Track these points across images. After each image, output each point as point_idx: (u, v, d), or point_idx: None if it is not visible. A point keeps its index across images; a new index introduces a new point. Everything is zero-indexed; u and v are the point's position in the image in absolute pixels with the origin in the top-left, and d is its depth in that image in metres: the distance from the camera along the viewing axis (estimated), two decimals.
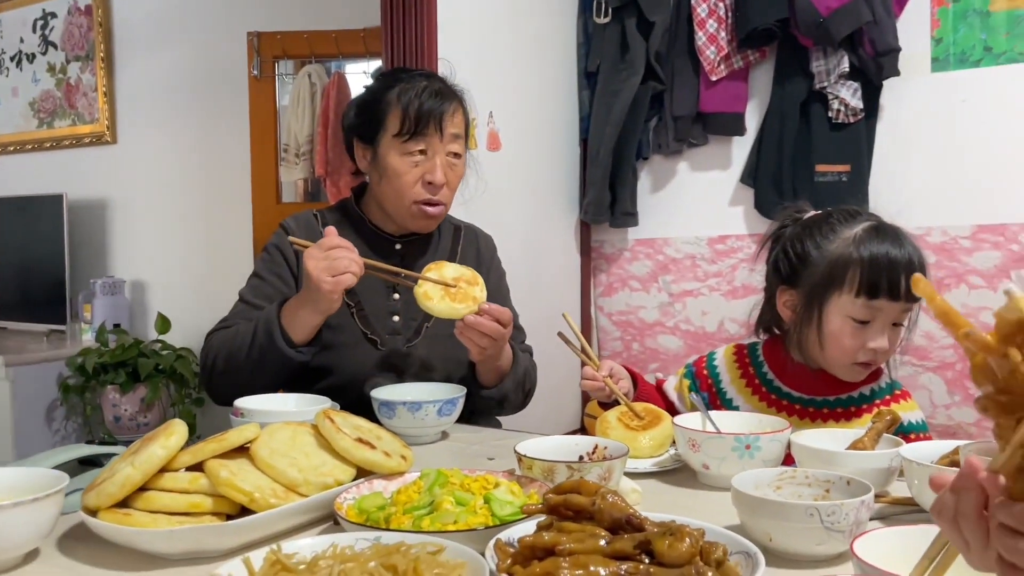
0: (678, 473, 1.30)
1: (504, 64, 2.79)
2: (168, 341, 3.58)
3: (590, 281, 3.29)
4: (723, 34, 2.86)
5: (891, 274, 1.35)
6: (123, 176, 4.08)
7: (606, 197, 3.07)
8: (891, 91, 2.73)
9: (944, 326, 0.62)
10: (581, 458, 1.21)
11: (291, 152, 3.55)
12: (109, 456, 1.25)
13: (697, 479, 1.27)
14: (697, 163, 3.08)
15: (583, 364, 1.52)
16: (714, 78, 2.88)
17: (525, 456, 1.12)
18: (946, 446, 1.13)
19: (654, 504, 1.16)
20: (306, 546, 0.86)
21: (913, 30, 2.67)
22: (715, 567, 0.80)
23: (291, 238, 1.60)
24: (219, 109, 3.70)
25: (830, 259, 1.39)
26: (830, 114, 2.74)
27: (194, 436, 3.49)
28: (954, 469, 1.03)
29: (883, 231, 1.39)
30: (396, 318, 1.71)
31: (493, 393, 1.67)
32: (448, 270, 1.56)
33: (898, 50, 2.65)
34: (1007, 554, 0.55)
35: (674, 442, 1.33)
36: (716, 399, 1.57)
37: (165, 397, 3.56)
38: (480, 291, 1.54)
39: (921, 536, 0.78)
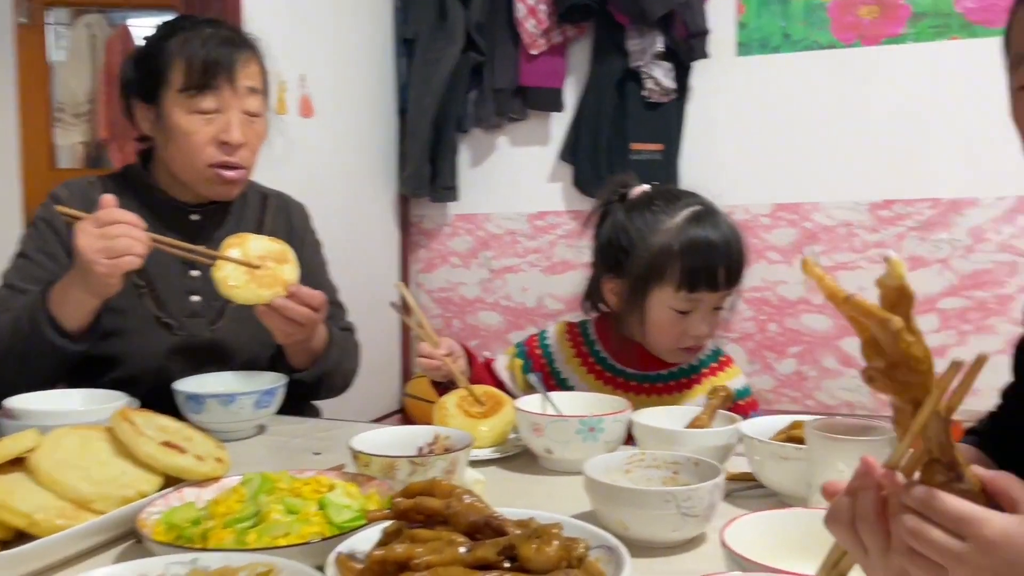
0: (519, 458, 1.25)
1: (316, 26, 2.62)
2: None
3: (409, 257, 3.19)
4: (543, 7, 2.83)
5: (710, 267, 1.36)
6: None
7: (426, 170, 2.98)
8: (701, 73, 2.83)
9: (830, 300, 0.60)
10: (421, 450, 1.12)
11: (67, 112, 3.16)
12: None
13: (539, 463, 1.23)
14: (517, 138, 3.05)
15: (420, 340, 1.42)
16: (534, 52, 2.86)
17: (361, 452, 1.02)
18: (782, 421, 1.14)
19: (499, 493, 1.10)
20: None
21: (721, 14, 2.78)
22: (578, 565, 0.75)
23: (59, 207, 1.34)
24: None
25: (652, 251, 1.38)
26: (644, 93, 2.80)
27: None
28: (792, 445, 1.04)
29: (702, 218, 1.39)
30: (195, 298, 1.52)
31: (305, 376, 1.53)
32: (253, 244, 1.39)
33: (707, 32, 2.74)
34: (913, 540, 0.53)
35: (515, 427, 1.27)
36: (550, 378, 1.53)
37: None
38: (291, 270, 1.39)
39: (790, 520, 0.76)
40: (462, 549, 0.73)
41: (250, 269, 1.35)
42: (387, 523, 0.81)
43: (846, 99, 2.71)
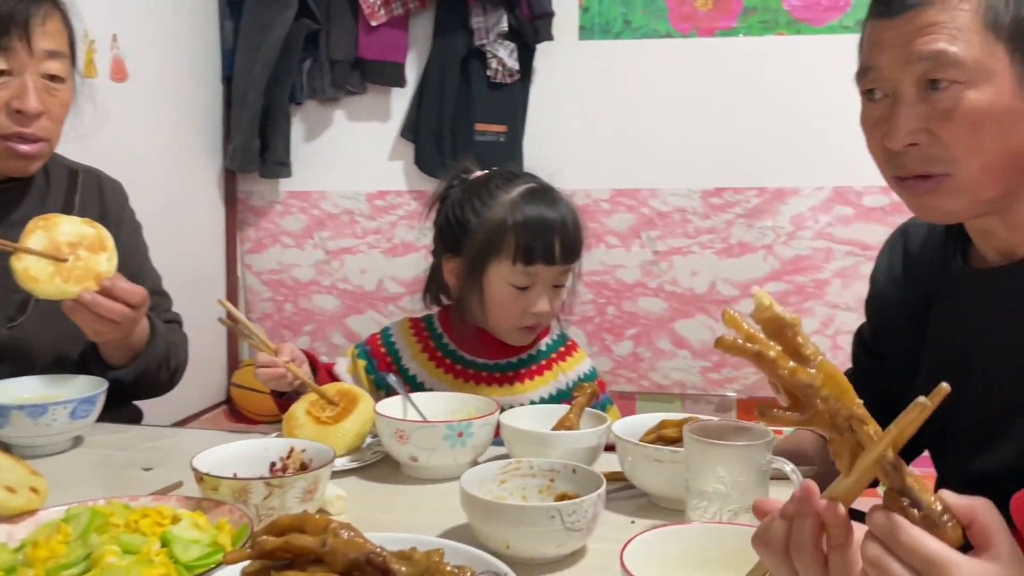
0: (379, 466, 1.17)
1: None
2: None
3: (236, 236, 2.97)
4: None
5: (545, 239, 1.35)
6: None
7: (255, 144, 2.78)
8: (544, 55, 2.81)
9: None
10: (274, 466, 1.02)
11: None
12: None
13: (401, 471, 1.15)
14: (355, 112, 2.91)
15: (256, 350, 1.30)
16: (374, 23, 2.73)
17: (208, 475, 0.90)
18: (650, 420, 1.13)
19: (362, 508, 1.02)
20: None
21: None
22: None
23: None
24: None
25: (488, 226, 1.37)
26: (489, 73, 2.75)
27: None
28: (667, 448, 1.03)
29: (538, 195, 1.40)
30: None
31: (124, 375, 1.38)
32: (64, 228, 1.22)
33: (552, 15, 2.72)
34: (872, 570, 0.51)
35: (373, 429, 1.19)
36: (398, 376, 1.46)
37: None
38: (107, 260, 1.23)
39: (689, 537, 0.74)
40: None
41: (58, 262, 1.18)
42: (246, 564, 0.72)
43: (682, 88, 2.78)
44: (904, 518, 0.51)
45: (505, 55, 2.72)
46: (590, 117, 2.83)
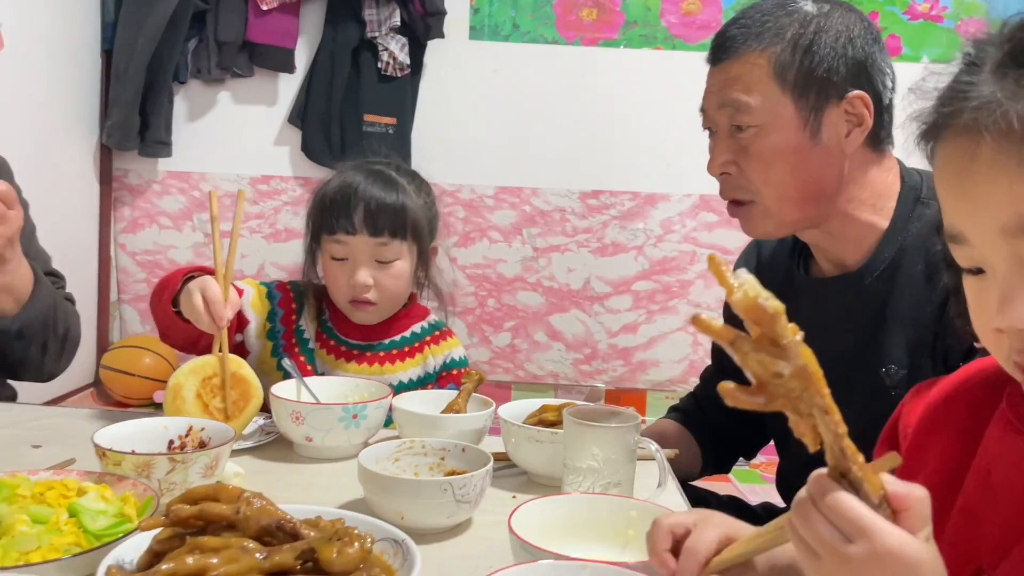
0: (272, 446, 1.21)
1: None
2: None
3: (110, 214, 2.89)
4: None
5: (347, 210, 1.40)
6: None
7: (135, 121, 2.71)
8: (435, 51, 2.87)
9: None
10: (172, 443, 1.05)
11: None
12: None
13: (295, 451, 1.20)
14: (241, 95, 2.88)
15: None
16: (264, 7, 2.71)
17: (111, 450, 0.93)
18: (532, 405, 1.23)
19: (258, 485, 1.05)
20: None
21: None
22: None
23: None
24: None
25: (316, 202, 1.44)
26: (380, 65, 2.79)
27: None
28: (547, 430, 1.13)
29: (369, 173, 1.44)
30: None
31: (8, 324, 1.30)
32: None
33: (444, 13, 2.79)
34: (800, 526, 0.55)
35: (265, 411, 1.23)
36: (293, 335, 1.48)
37: None
38: None
39: (568, 505, 0.84)
40: (258, 556, 0.71)
41: None
42: (158, 531, 0.76)
43: (566, 93, 2.91)
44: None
45: (396, 49, 2.77)
46: (477, 115, 2.92)
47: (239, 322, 1.42)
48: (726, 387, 0.53)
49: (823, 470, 0.56)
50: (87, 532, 0.80)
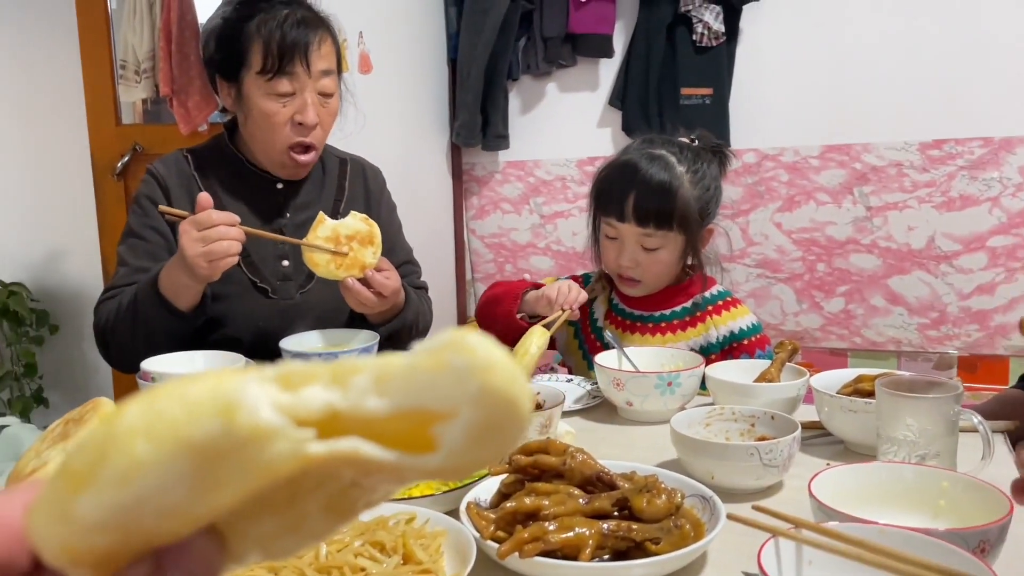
0: (598, 409, 1.36)
1: None
2: None
3: (462, 204, 3.28)
4: None
5: (620, 194, 1.48)
6: None
7: (478, 120, 3.03)
8: (750, 15, 2.83)
9: None
10: None
11: (130, 70, 3.24)
12: None
13: (618, 414, 1.33)
14: (566, 84, 3.09)
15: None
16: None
17: None
18: (847, 375, 1.24)
19: (586, 443, 1.20)
20: None
21: None
22: (677, 514, 0.86)
23: (162, 208, 1.44)
24: (41, 13, 3.30)
25: (598, 181, 1.58)
26: (694, 37, 2.81)
27: (36, 376, 3.26)
28: (861, 400, 1.13)
29: (647, 155, 1.50)
30: (286, 263, 1.64)
31: (381, 331, 1.61)
32: (346, 221, 1.45)
33: None
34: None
35: (592, 378, 1.38)
36: (587, 318, 1.64)
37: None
38: (373, 254, 1.47)
39: (869, 473, 0.86)
40: (581, 501, 0.85)
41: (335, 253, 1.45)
42: (505, 476, 0.93)
43: (896, 36, 2.70)
44: None
45: (711, 18, 2.78)
46: (798, 74, 2.82)
47: None
48: None
49: None
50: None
